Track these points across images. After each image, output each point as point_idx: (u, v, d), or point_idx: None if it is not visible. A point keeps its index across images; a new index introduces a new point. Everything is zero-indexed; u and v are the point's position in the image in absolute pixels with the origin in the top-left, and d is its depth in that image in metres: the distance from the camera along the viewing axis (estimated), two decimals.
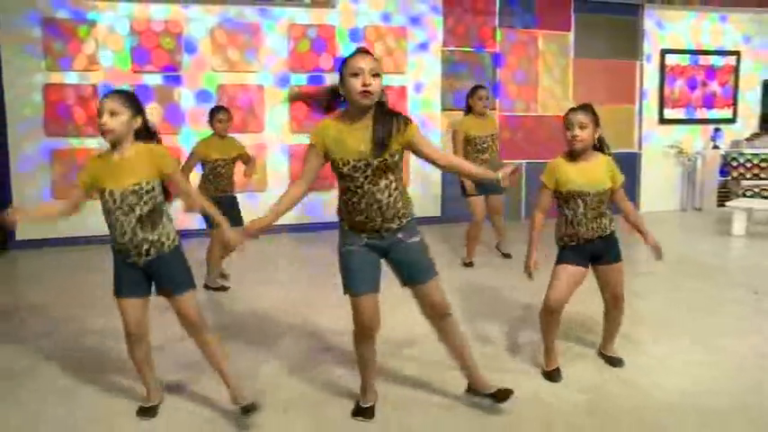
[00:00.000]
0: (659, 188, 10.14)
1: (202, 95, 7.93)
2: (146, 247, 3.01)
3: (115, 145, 2.98)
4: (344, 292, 3.03)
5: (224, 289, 5.56)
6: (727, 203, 8.45)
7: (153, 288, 3.15)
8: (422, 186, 8.77)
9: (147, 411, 3.25)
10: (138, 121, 3.02)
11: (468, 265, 6.41)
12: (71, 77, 7.48)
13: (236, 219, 5.37)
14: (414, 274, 3.04)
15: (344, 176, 2.93)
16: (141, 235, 2.99)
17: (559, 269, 3.52)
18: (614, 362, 3.80)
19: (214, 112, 5.56)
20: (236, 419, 3.14)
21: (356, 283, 2.98)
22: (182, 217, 6.86)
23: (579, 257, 3.52)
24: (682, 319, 4.69)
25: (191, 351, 3.47)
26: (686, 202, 10.27)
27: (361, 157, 2.87)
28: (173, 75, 7.84)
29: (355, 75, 2.81)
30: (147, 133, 3.10)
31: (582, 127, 3.38)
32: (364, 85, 2.80)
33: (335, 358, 3.95)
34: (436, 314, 3.12)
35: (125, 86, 7.31)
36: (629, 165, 9.96)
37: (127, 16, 7.63)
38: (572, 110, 3.48)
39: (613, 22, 9.69)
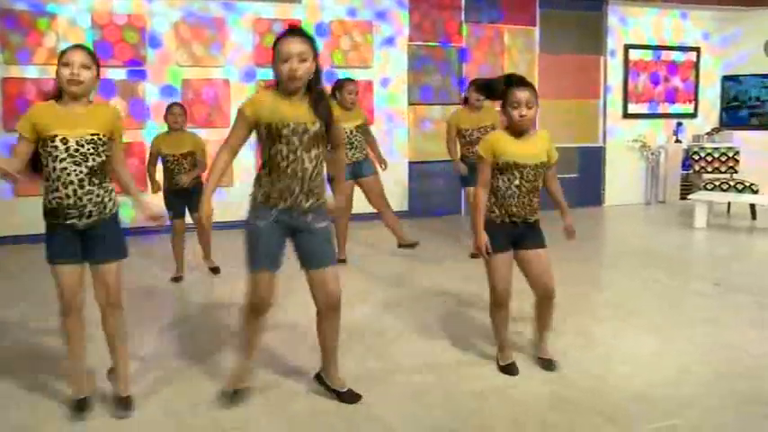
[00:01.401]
0: (623, 182, 10.29)
1: (167, 90, 7.83)
2: (89, 207, 2.93)
3: (76, 98, 2.92)
4: (247, 267, 3.10)
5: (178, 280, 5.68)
6: (689, 196, 8.61)
7: None
8: (389, 181, 8.75)
9: (79, 405, 3.09)
10: (98, 82, 3.02)
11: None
12: (31, 71, 7.32)
13: (195, 207, 5.43)
14: (315, 258, 3.11)
15: (282, 138, 2.97)
16: (88, 187, 2.91)
17: (494, 261, 3.45)
18: (548, 365, 3.64)
19: (168, 106, 5.58)
20: (115, 409, 3.11)
21: (260, 259, 3.06)
22: None
23: (504, 241, 3.45)
24: (645, 311, 4.75)
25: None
26: (650, 196, 10.43)
27: (299, 122, 2.97)
28: (137, 69, 7.73)
29: (284, 61, 2.92)
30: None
31: (529, 106, 3.36)
32: (290, 70, 2.91)
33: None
34: (330, 303, 3.15)
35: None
36: (594, 159, 10.12)
37: (88, 9, 7.50)
38: (517, 87, 3.38)
39: (578, 17, 9.80)
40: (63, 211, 2.92)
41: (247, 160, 8.24)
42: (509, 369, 3.59)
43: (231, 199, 8.03)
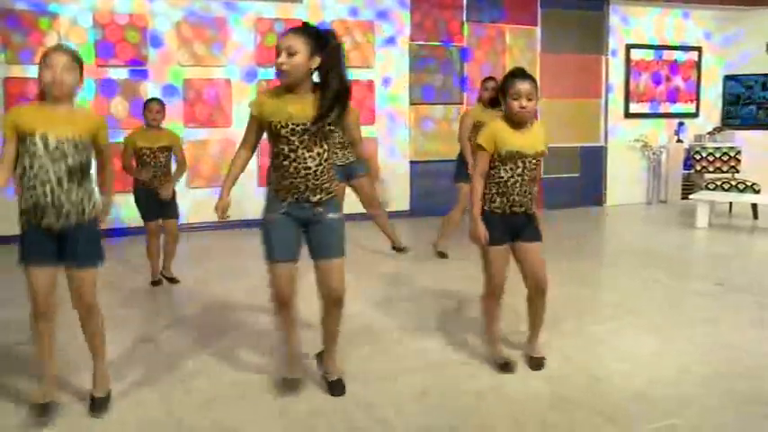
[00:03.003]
0: (625, 181, 10.29)
1: (169, 90, 7.84)
2: (66, 206, 2.87)
3: (58, 100, 2.89)
4: (265, 259, 3.16)
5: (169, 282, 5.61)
6: (691, 196, 8.61)
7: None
8: (390, 181, 8.77)
9: (40, 410, 3.00)
10: (82, 84, 3.00)
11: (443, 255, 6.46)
12: (33, 71, 7.20)
13: (165, 212, 5.46)
14: (322, 248, 3.16)
15: (281, 138, 3.02)
16: (66, 186, 2.86)
17: (492, 253, 3.46)
18: (537, 363, 3.64)
19: (146, 102, 5.49)
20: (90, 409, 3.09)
21: (276, 250, 3.11)
22: None
23: (503, 233, 3.45)
24: (646, 310, 4.76)
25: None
26: (651, 195, 10.43)
27: (298, 122, 3.00)
28: (138, 69, 7.74)
29: (276, 54, 2.99)
30: None
31: (529, 98, 3.36)
32: (277, 64, 2.98)
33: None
34: (333, 298, 3.19)
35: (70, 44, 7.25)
36: (596, 158, 10.12)
37: (90, 9, 7.51)
38: (519, 79, 3.39)
39: (579, 17, 9.81)
40: (40, 211, 2.86)
41: (251, 161, 8.26)
42: (507, 367, 3.56)
43: (232, 198, 8.09)
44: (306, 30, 3.04)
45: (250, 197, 8.70)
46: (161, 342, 4.18)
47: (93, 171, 3.06)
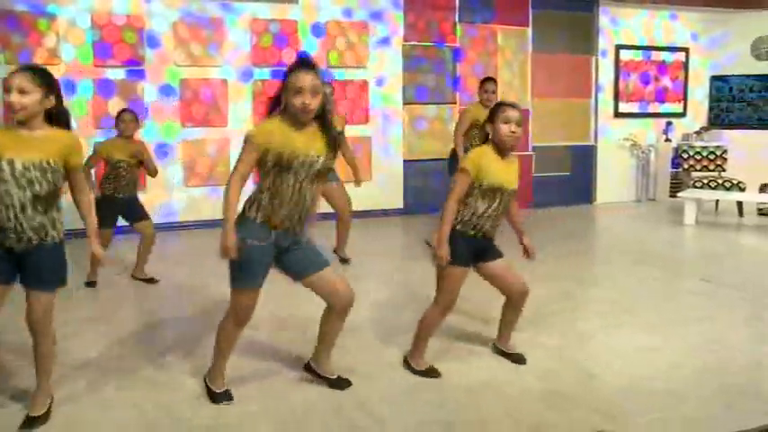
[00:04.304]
0: (615, 180, 10.45)
1: (165, 89, 7.92)
2: (29, 233, 2.86)
3: (24, 124, 2.83)
4: (235, 284, 3.13)
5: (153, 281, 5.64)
6: (679, 194, 8.79)
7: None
8: (384, 179, 8.92)
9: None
10: (52, 101, 2.88)
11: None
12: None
13: (135, 216, 5.54)
14: (312, 264, 3.19)
15: (291, 170, 3.00)
16: (30, 213, 2.83)
17: (457, 271, 3.46)
18: (517, 359, 3.77)
19: (119, 113, 5.49)
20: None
21: (252, 278, 3.11)
22: None
23: (468, 256, 3.50)
24: (637, 307, 4.86)
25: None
26: (640, 193, 10.61)
27: (310, 156, 3.03)
28: (135, 69, 7.81)
29: (297, 93, 2.96)
30: (59, 117, 2.96)
31: (518, 124, 3.43)
32: (303, 104, 2.97)
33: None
34: (345, 303, 3.23)
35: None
36: (586, 157, 10.28)
37: (87, 10, 7.56)
38: (509, 106, 3.48)
39: (570, 18, 9.95)
40: (2, 233, 2.84)
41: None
42: (430, 372, 3.61)
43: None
44: (317, 68, 3.07)
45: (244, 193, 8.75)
46: (155, 340, 4.23)
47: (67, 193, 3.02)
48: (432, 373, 3.61)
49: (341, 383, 3.44)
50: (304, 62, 3.05)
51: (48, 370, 3.09)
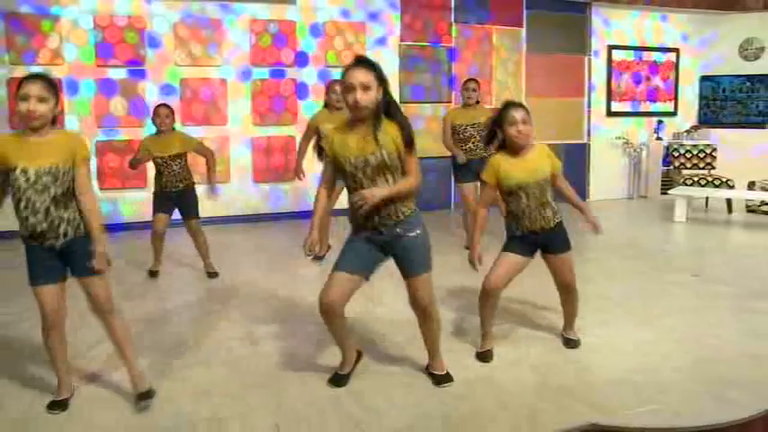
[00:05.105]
0: (607, 177, 10.63)
1: (166, 89, 8.04)
2: (63, 227, 3.00)
3: (36, 130, 2.96)
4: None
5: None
6: (670, 191, 8.95)
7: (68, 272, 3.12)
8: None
9: (57, 405, 3.19)
10: (58, 107, 3.02)
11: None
12: (35, 71, 7.47)
13: (184, 211, 5.63)
14: (406, 266, 3.25)
15: (347, 175, 3.13)
16: (55, 213, 2.97)
17: (501, 257, 3.70)
18: (569, 343, 4.00)
19: (155, 108, 5.52)
20: (136, 404, 3.20)
21: (339, 262, 3.23)
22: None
23: (523, 247, 3.69)
24: (628, 301, 4.95)
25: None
26: (632, 191, 10.79)
27: (359, 155, 3.08)
28: (137, 69, 7.92)
29: (347, 90, 3.06)
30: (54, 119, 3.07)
31: (525, 123, 3.55)
32: (354, 101, 3.04)
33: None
34: (418, 307, 3.33)
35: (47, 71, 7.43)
36: (579, 155, 10.44)
37: (90, 11, 7.68)
38: (512, 107, 3.59)
39: (563, 19, 10.12)
40: (39, 237, 2.99)
41: (245, 158, 8.48)
42: (483, 356, 3.77)
43: (227, 195, 8.31)
44: (373, 64, 3.10)
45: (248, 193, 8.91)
46: (157, 334, 4.29)
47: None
48: (483, 356, 3.78)
49: (446, 378, 3.47)
50: (358, 59, 3.12)
51: (131, 345, 3.27)
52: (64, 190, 2.99)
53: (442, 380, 3.46)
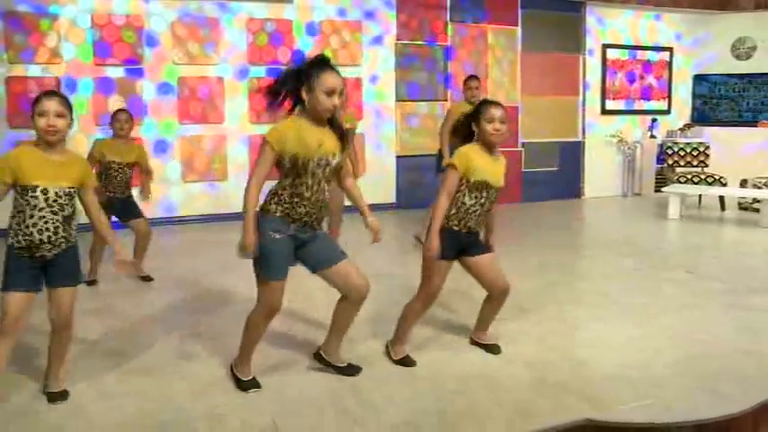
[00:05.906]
0: (601, 175, 10.72)
1: (164, 87, 8.08)
2: (62, 242, 3.07)
3: (52, 145, 3.01)
4: (262, 276, 3.20)
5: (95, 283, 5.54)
6: (663, 189, 9.02)
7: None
8: (377, 174, 9.10)
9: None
10: (72, 125, 3.08)
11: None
12: (33, 70, 7.52)
13: (129, 215, 5.46)
14: (330, 256, 3.30)
15: (306, 171, 3.13)
16: (62, 234, 3.05)
17: (441, 265, 3.56)
18: (493, 349, 3.85)
19: (114, 112, 5.44)
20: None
21: (277, 270, 3.19)
22: None
23: (452, 250, 3.56)
24: (623, 297, 5.00)
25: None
26: (627, 188, 10.87)
27: (323, 155, 3.15)
28: (135, 68, 7.96)
29: (329, 94, 3.09)
30: None
31: (502, 122, 3.51)
32: (334, 106, 3.11)
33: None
34: (361, 293, 3.33)
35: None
36: (574, 153, 10.53)
37: (88, 10, 7.70)
38: (492, 104, 3.55)
39: (558, 18, 10.19)
40: (35, 248, 3.02)
41: (242, 156, 8.53)
42: (406, 361, 3.70)
43: (223, 193, 8.35)
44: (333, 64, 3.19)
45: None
46: (154, 332, 4.30)
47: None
48: (407, 362, 3.69)
49: (352, 370, 3.52)
50: (328, 62, 3.15)
51: (65, 358, 3.32)
52: (72, 210, 3.09)
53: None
